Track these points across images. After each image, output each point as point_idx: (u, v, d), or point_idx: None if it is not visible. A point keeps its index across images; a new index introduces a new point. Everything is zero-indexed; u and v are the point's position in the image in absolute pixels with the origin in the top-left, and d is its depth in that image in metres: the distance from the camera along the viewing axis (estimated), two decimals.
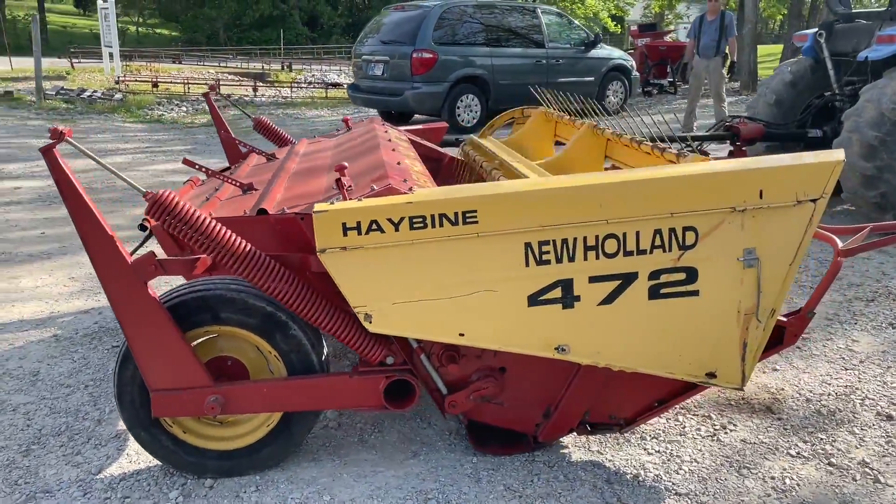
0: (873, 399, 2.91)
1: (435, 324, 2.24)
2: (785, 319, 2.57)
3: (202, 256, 2.28)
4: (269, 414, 2.45)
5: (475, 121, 10.81)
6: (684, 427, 2.74)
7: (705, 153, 5.63)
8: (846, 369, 3.18)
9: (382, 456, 2.59)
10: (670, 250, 2.24)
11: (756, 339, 2.33)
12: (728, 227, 2.23)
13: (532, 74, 11.39)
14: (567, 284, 2.24)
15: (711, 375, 2.36)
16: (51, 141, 2.04)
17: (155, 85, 16.77)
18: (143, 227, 2.86)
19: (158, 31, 44.90)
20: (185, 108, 14.73)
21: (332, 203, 2.17)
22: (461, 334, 2.25)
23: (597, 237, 2.21)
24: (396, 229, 2.13)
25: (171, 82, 17.39)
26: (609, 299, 2.26)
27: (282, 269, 2.22)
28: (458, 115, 10.62)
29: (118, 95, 15.27)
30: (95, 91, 15.54)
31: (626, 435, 2.69)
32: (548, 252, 2.21)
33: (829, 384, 3.04)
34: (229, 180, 2.99)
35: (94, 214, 2.13)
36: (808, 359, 3.29)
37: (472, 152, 4.08)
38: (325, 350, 2.47)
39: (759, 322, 2.30)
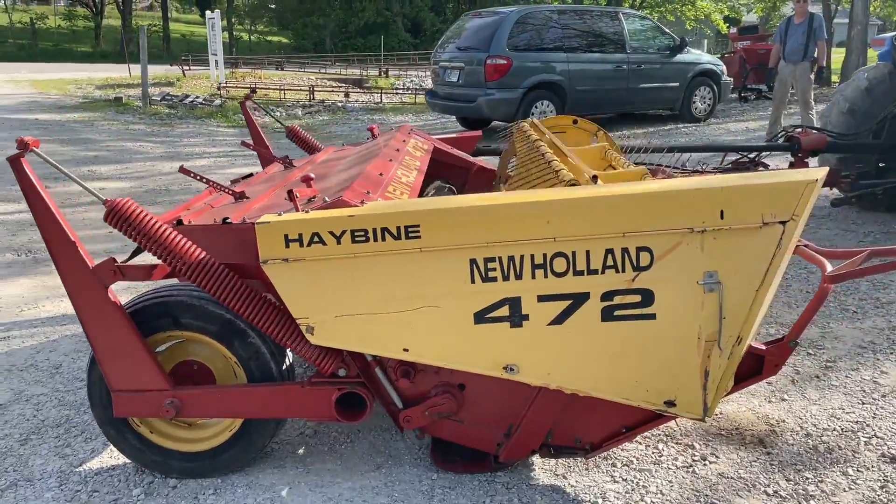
0: (882, 438, 2.67)
1: (378, 338, 2.23)
2: (764, 348, 2.40)
3: (160, 263, 2.36)
4: (232, 419, 2.50)
5: None
6: (661, 455, 2.61)
7: (764, 165, 5.38)
8: (863, 403, 2.93)
9: (346, 467, 2.60)
10: (624, 271, 2.14)
11: (719, 367, 2.19)
12: (686, 249, 2.11)
13: (612, 80, 11.16)
14: (515, 303, 2.18)
15: (670, 404, 2.23)
16: (18, 151, 2.17)
17: (253, 91, 17.46)
18: None
19: (269, 38, 46.78)
20: (278, 114, 15.27)
21: (279, 214, 2.20)
22: (405, 349, 2.23)
23: (545, 255, 2.14)
24: (338, 242, 2.14)
25: (268, 88, 18.06)
26: (559, 319, 2.19)
27: (234, 277, 2.27)
28: None
29: (217, 101, 16.02)
30: (197, 97, 16.37)
31: (597, 460, 2.59)
32: (494, 269, 2.15)
33: (839, 418, 2.82)
34: (224, 189, 3.07)
35: (59, 221, 2.25)
36: (825, 389, 3.06)
37: (529, 131, 4.05)
38: (289, 359, 2.51)
39: (721, 350, 2.17)
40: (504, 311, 2.19)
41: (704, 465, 2.54)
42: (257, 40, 45.86)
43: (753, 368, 2.43)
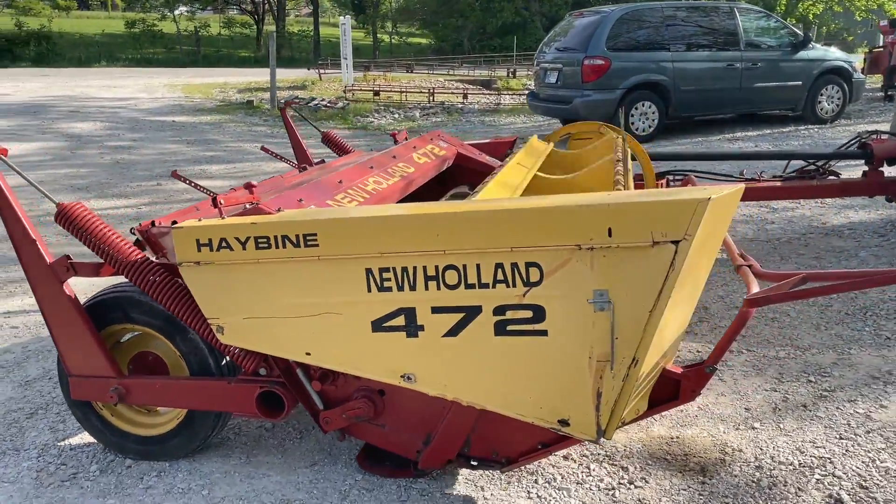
0: (839, 478, 2.44)
1: (282, 341, 2.33)
2: (679, 372, 2.28)
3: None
4: (179, 409, 2.69)
5: (651, 129, 10.32)
6: (589, 475, 2.53)
7: (835, 174, 4.98)
8: (841, 438, 2.69)
9: (284, 461, 2.73)
10: (514, 286, 2.11)
11: (612, 389, 2.11)
12: (576, 266, 2.05)
13: (722, 80, 10.61)
14: (410, 313, 2.21)
15: (564, 423, 2.18)
16: None
17: (377, 94, 18.09)
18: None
19: (409, 41, 48.04)
20: (396, 116, 15.73)
21: (199, 220, 2.35)
22: (308, 353, 2.32)
23: (436, 267, 2.15)
24: (244, 248, 2.26)
25: (391, 91, 18.62)
26: (453, 332, 2.19)
27: (166, 276, 2.45)
28: (633, 124, 10.21)
29: (341, 104, 16.72)
30: (323, 99, 17.16)
31: (521, 474, 2.56)
32: (389, 279, 2.19)
33: (803, 453, 2.61)
34: (206, 191, 3.28)
35: (22, 220, 2.52)
36: (806, 420, 2.83)
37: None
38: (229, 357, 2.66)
39: (613, 371, 2.09)
40: (400, 320, 2.22)
41: (628, 489, 2.45)
42: (398, 42, 47.24)
43: (670, 393, 2.32)
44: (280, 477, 2.62)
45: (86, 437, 2.94)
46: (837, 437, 2.70)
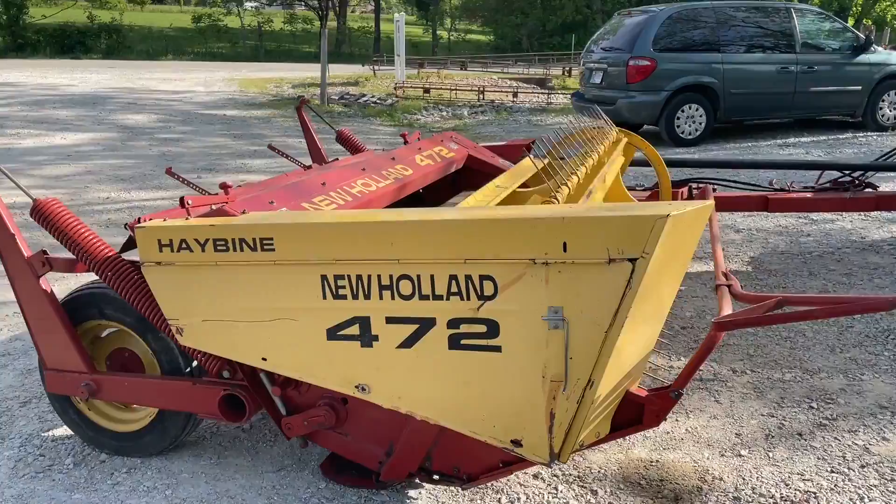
0: None
1: (239, 345, 2.30)
2: (644, 395, 2.17)
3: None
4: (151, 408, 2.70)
5: (698, 133, 10.02)
6: (555, 496, 2.43)
7: (872, 186, 4.73)
8: (832, 472, 2.52)
9: (253, 464, 2.71)
10: (468, 299, 2.04)
11: (566, 411, 2.02)
12: (530, 281, 1.97)
13: (775, 83, 10.21)
14: (364, 322, 2.16)
15: (517, 444, 2.09)
16: None
17: (427, 91, 18.09)
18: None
19: (468, 38, 47.98)
20: (444, 114, 15.70)
21: (164, 220, 2.35)
22: (264, 359, 2.29)
23: (391, 277, 2.09)
24: (203, 250, 2.24)
25: (441, 88, 18.59)
26: (408, 343, 2.13)
27: (136, 275, 2.45)
28: (678, 127, 9.94)
29: (390, 101, 16.77)
30: (373, 96, 17.25)
31: (485, 491, 2.48)
32: (343, 287, 2.15)
33: (788, 486, 2.45)
34: (202, 191, 3.28)
35: (3, 217, 2.55)
36: (799, 450, 2.66)
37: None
38: None
39: (567, 392, 1.99)
40: (355, 329, 2.17)
41: None
42: (457, 40, 47.22)
43: (634, 416, 2.20)
44: (245, 481, 2.60)
45: (68, 430, 2.98)
46: (829, 470, 2.54)
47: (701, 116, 9.98)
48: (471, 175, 4.32)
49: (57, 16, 40.61)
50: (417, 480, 2.47)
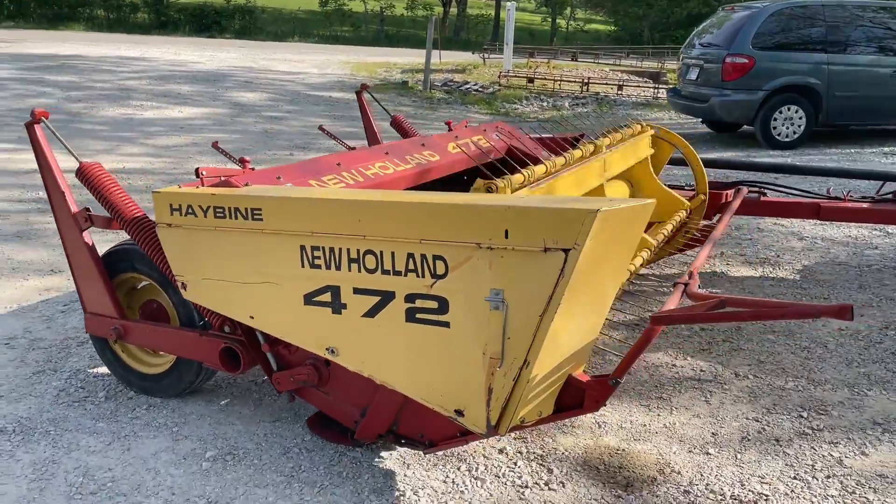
0: None
1: (231, 303, 2.57)
2: (585, 381, 2.27)
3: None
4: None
5: (796, 136, 9.62)
6: (512, 469, 2.57)
7: None
8: (794, 478, 2.52)
9: (254, 413, 2.99)
10: (423, 276, 2.22)
11: (503, 388, 2.16)
12: (476, 264, 2.12)
13: (888, 87, 9.62)
14: (336, 291, 2.38)
15: (460, 413, 2.25)
16: (32, 119, 2.89)
17: (531, 80, 18.09)
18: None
19: (587, 27, 47.24)
20: (544, 104, 15.69)
21: (179, 187, 2.64)
22: (251, 317, 2.55)
23: (358, 251, 2.30)
24: (205, 216, 2.52)
25: (545, 79, 18.53)
26: (371, 313, 2.33)
27: (156, 234, 2.76)
28: (775, 129, 9.57)
29: (491, 89, 16.92)
30: (476, 84, 17.44)
31: (451, 457, 2.65)
32: (319, 257, 2.37)
33: (744, 486, 2.48)
34: (233, 159, 3.58)
35: (56, 176, 2.94)
36: (769, 455, 2.67)
37: None
38: None
39: (504, 370, 2.14)
40: (327, 297, 2.39)
41: (541, 489, 2.47)
42: (574, 29, 46.60)
43: (577, 400, 2.31)
44: (242, 426, 2.89)
45: (107, 368, 3.37)
46: (792, 476, 2.54)
47: (800, 119, 9.57)
48: (510, 167, 4.43)
49: None
50: (386, 442, 2.67)
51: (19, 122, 9.94)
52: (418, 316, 2.25)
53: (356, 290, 2.33)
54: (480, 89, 16.77)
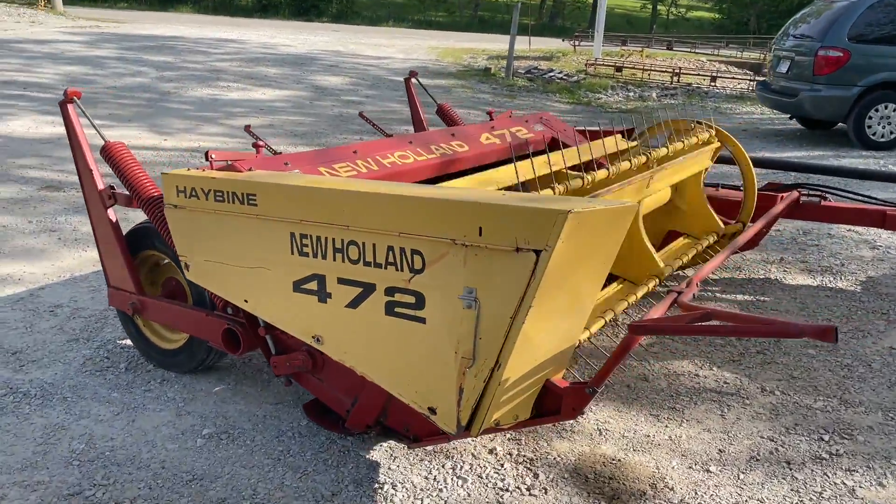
0: None
1: (228, 285, 2.62)
2: (563, 388, 2.18)
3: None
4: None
5: (893, 136, 8.99)
6: (497, 471, 2.51)
7: None
8: (780, 482, 2.36)
9: (259, 394, 3.04)
10: (402, 270, 2.19)
11: (473, 388, 2.11)
12: (452, 260, 2.08)
13: None
14: (321, 280, 2.38)
15: (432, 411, 2.22)
16: (64, 98, 3.02)
17: (619, 69, 17.63)
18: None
19: (689, 15, 45.62)
20: (630, 94, 15.26)
21: (187, 170, 2.70)
22: (245, 300, 2.58)
23: (342, 241, 2.29)
24: (207, 199, 2.57)
25: (634, 68, 18.03)
26: (354, 304, 2.32)
27: None
28: (869, 127, 8.97)
29: (576, 77, 16.59)
30: (561, 72, 17.13)
31: (436, 452, 2.62)
32: (307, 245, 2.38)
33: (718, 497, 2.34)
34: (266, 147, 3.62)
35: (85, 154, 3.06)
36: (775, 477, 2.50)
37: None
38: None
39: (475, 370, 2.08)
40: (314, 285, 2.40)
41: (521, 494, 2.40)
42: (675, 17, 45.08)
43: (555, 406, 2.23)
44: (245, 407, 2.95)
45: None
46: (794, 502, 2.38)
47: None
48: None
49: None
50: (374, 433, 2.66)
51: (114, 101, 10.46)
52: (397, 310, 2.22)
53: (340, 280, 2.32)
54: (564, 77, 16.46)
